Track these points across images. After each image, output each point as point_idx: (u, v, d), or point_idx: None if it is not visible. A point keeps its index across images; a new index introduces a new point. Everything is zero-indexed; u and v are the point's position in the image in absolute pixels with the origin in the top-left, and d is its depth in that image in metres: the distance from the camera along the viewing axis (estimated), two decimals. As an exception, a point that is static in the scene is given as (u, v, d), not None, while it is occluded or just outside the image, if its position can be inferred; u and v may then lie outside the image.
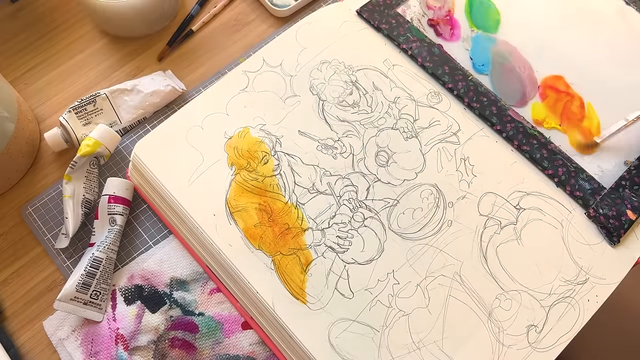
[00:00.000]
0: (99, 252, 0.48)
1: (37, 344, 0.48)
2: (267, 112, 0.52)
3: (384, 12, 0.58)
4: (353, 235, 0.47)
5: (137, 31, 0.61)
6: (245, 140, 0.51)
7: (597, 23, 0.58)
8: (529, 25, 0.58)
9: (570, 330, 0.45)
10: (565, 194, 0.50)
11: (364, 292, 0.45)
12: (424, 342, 0.44)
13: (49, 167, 0.55)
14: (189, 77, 0.60)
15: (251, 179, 0.49)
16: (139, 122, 0.57)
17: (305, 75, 0.54)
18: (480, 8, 0.59)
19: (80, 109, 0.54)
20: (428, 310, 0.45)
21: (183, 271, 0.49)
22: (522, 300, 0.45)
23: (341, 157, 0.50)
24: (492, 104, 0.53)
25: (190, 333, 0.47)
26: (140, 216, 0.52)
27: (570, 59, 0.56)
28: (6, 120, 0.50)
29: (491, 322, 0.44)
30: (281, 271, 0.45)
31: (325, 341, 0.43)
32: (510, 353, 0.43)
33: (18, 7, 0.63)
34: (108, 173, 0.54)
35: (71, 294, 0.46)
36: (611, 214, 0.49)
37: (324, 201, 0.48)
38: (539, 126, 0.53)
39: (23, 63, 0.60)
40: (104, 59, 0.61)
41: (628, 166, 0.51)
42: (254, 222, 0.47)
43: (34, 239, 0.52)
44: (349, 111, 0.53)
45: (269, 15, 0.64)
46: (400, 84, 0.54)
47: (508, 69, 0.56)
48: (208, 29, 0.63)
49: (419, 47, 0.56)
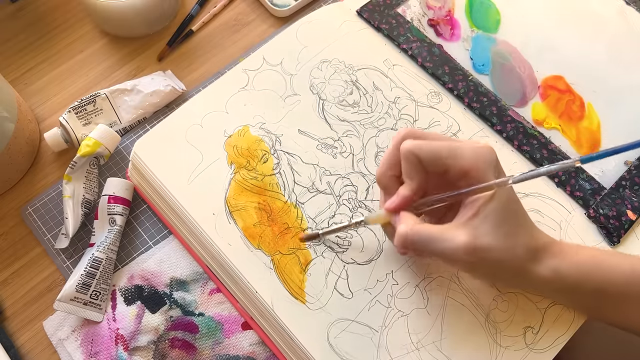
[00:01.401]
0: (98, 253, 0.48)
1: (37, 344, 0.48)
2: (267, 111, 0.52)
3: (384, 12, 0.58)
4: (352, 236, 0.47)
5: (137, 31, 0.61)
6: (244, 138, 0.51)
7: (597, 23, 0.58)
8: (529, 26, 0.58)
9: (566, 332, 0.45)
10: (566, 194, 0.50)
11: (363, 292, 0.45)
12: (422, 343, 0.44)
13: (49, 167, 0.56)
14: (189, 77, 0.60)
15: (251, 177, 0.49)
16: (139, 122, 0.57)
17: (306, 74, 0.54)
18: (481, 8, 0.59)
19: (80, 109, 0.54)
20: (427, 311, 0.45)
21: (183, 271, 0.49)
22: (518, 302, 0.45)
23: (341, 156, 0.50)
24: (492, 104, 0.53)
25: (190, 333, 0.47)
26: (140, 216, 0.52)
27: (570, 59, 0.56)
28: (6, 120, 0.50)
29: (489, 324, 0.44)
30: (280, 270, 0.45)
31: (324, 341, 0.43)
32: (507, 354, 0.43)
33: (18, 7, 0.63)
34: (108, 173, 0.54)
35: (71, 294, 0.47)
36: (611, 214, 0.49)
37: (323, 200, 0.48)
38: (539, 126, 0.53)
39: (23, 63, 0.60)
40: (104, 59, 0.61)
41: (628, 166, 0.51)
42: (253, 221, 0.47)
43: (34, 239, 0.52)
44: (349, 111, 0.53)
45: (269, 15, 0.63)
46: (400, 84, 0.54)
47: (508, 69, 0.56)
48: (208, 29, 0.63)
49: (419, 47, 0.56)
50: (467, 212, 0.38)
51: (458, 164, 0.38)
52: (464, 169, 0.38)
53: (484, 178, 0.38)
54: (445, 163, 0.39)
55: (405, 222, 0.39)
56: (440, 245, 0.38)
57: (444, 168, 0.39)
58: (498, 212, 0.38)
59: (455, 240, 0.37)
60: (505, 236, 0.38)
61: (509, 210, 0.39)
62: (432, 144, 0.39)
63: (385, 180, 0.42)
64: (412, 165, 0.39)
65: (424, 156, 0.39)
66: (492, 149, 0.39)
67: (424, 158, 0.39)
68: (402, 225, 0.39)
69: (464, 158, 0.38)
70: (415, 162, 0.39)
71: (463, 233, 0.37)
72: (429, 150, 0.39)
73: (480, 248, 0.37)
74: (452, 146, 0.39)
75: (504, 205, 0.38)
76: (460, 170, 0.38)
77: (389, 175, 0.42)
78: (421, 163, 0.39)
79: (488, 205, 0.38)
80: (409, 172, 0.40)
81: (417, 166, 0.39)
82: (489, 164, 0.38)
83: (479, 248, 0.37)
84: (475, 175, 0.38)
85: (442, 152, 0.39)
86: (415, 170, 0.39)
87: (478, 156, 0.38)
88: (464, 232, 0.37)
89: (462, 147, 0.39)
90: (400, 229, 0.39)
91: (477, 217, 0.38)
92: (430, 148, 0.39)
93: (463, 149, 0.39)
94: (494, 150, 0.39)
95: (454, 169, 0.39)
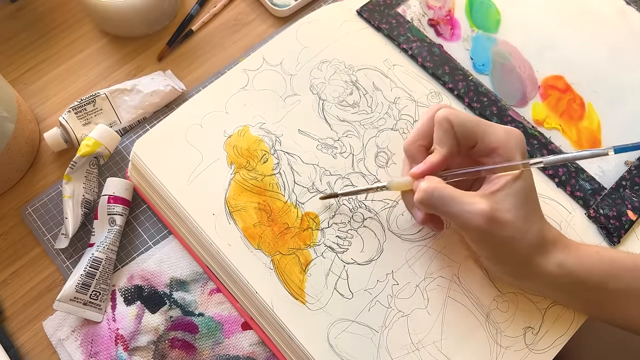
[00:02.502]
0: (98, 253, 0.48)
1: (37, 345, 0.48)
2: (266, 111, 0.52)
3: (384, 12, 0.58)
4: (352, 236, 0.47)
5: (137, 31, 0.61)
6: (244, 138, 0.51)
7: (597, 23, 0.58)
8: (530, 25, 0.58)
9: (566, 333, 0.45)
10: (566, 194, 0.50)
11: (363, 292, 0.45)
12: (422, 343, 0.44)
13: (48, 167, 0.56)
14: (188, 77, 0.60)
15: (250, 177, 0.49)
16: (139, 122, 0.57)
17: (306, 74, 0.54)
18: (481, 8, 0.59)
19: (80, 109, 0.54)
20: (427, 312, 0.45)
21: (183, 271, 0.49)
22: (518, 302, 0.45)
23: (341, 156, 0.50)
24: (493, 104, 0.53)
25: (190, 333, 0.47)
26: (140, 216, 0.52)
27: (570, 59, 0.56)
28: (6, 120, 0.50)
29: (489, 324, 0.44)
30: (280, 271, 0.45)
31: (324, 341, 0.43)
32: (507, 354, 0.43)
33: (18, 7, 0.63)
34: (108, 173, 0.54)
35: (71, 294, 0.47)
36: (612, 215, 0.49)
37: (323, 201, 0.48)
38: (540, 126, 0.53)
39: (23, 63, 0.60)
40: (103, 59, 0.61)
41: (628, 166, 0.51)
42: (253, 221, 0.47)
43: (34, 239, 0.52)
44: (349, 111, 0.52)
45: (269, 15, 0.63)
46: (400, 84, 0.54)
47: (508, 69, 0.56)
48: (208, 29, 0.63)
49: (419, 47, 0.56)
50: (492, 187, 0.39)
51: (489, 139, 0.40)
52: (493, 145, 0.40)
53: (512, 157, 0.39)
54: (477, 135, 0.40)
55: (429, 180, 0.40)
56: (459, 207, 0.39)
57: (474, 141, 0.40)
58: (521, 193, 0.39)
59: (476, 206, 0.38)
60: (524, 218, 0.39)
61: (530, 194, 0.40)
62: (467, 115, 0.41)
63: (413, 150, 0.43)
64: (445, 132, 0.40)
65: (458, 124, 0.40)
66: (522, 135, 0.41)
67: (458, 126, 0.40)
68: (424, 182, 0.40)
69: (496, 134, 0.40)
70: (448, 129, 0.40)
71: (484, 202, 0.38)
72: (464, 119, 0.40)
73: (498, 220, 0.38)
74: (486, 122, 0.41)
75: (528, 188, 0.39)
76: (489, 145, 0.40)
77: (418, 145, 0.43)
78: (454, 131, 0.40)
79: (514, 184, 0.39)
80: (441, 139, 0.41)
81: (450, 133, 0.40)
82: (518, 145, 0.40)
83: (497, 220, 0.38)
84: (504, 154, 0.39)
85: (476, 124, 0.40)
86: (448, 137, 0.41)
87: (510, 136, 0.40)
88: (485, 201, 0.38)
89: (495, 125, 0.41)
90: (423, 185, 0.40)
91: (502, 192, 0.39)
92: (466, 117, 0.41)
93: (495, 127, 0.40)
94: (523, 135, 0.41)
95: (484, 143, 0.40)
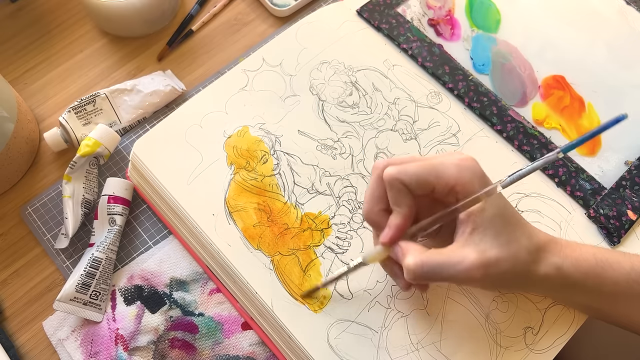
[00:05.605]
0: (98, 253, 0.48)
1: (37, 345, 0.48)
2: (266, 111, 0.52)
3: (384, 12, 0.58)
4: (352, 237, 0.47)
5: (137, 31, 0.61)
6: (244, 139, 0.51)
7: (597, 23, 0.58)
8: (530, 25, 0.58)
9: (566, 333, 0.45)
10: (566, 194, 0.50)
11: (362, 293, 0.45)
12: (422, 344, 0.44)
13: (48, 167, 0.56)
14: (188, 77, 0.60)
15: (250, 178, 0.49)
16: (139, 122, 0.57)
17: (305, 75, 0.54)
18: (481, 8, 0.59)
19: (80, 108, 0.54)
20: (426, 312, 0.45)
21: (183, 271, 0.49)
22: (518, 302, 0.45)
23: (341, 157, 0.50)
24: (493, 103, 0.53)
25: (190, 333, 0.47)
26: (140, 216, 0.52)
27: (570, 59, 0.56)
28: (6, 120, 0.50)
29: (489, 324, 0.44)
30: (280, 271, 0.45)
31: (324, 342, 0.43)
32: (507, 354, 0.43)
33: (18, 7, 0.63)
34: (108, 173, 0.54)
35: (71, 294, 0.47)
36: (612, 215, 0.49)
37: (323, 201, 0.48)
38: (540, 126, 0.53)
39: (23, 63, 0.60)
40: (103, 58, 0.61)
41: (628, 166, 0.51)
42: (253, 222, 0.47)
43: (34, 239, 0.52)
44: (349, 112, 0.52)
45: (269, 15, 0.63)
46: (400, 84, 0.54)
47: (508, 69, 0.56)
48: (208, 29, 0.63)
49: (419, 47, 0.56)
50: (465, 228, 0.38)
51: (443, 181, 0.38)
52: (449, 185, 0.38)
53: (470, 190, 0.37)
54: (430, 183, 0.38)
55: (412, 254, 0.38)
56: (451, 270, 0.37)
57: (430, 188, 0.39)
58: (496, 220, 0.37)
59: (465, 262, 0.36)
60: (508, 244, 0.37)
61: (504, 216, 0.38)
62: (415, 166, 0.39)
63: (374, 217, 0.41)
64: (398, 191, 0.39)
65: (409, 180, 0.38)
66: (475, 160, 0.39)
67: (409, 182, 0.38)
68: (409, 258, 0.38)
69: (448, 174, 0.38)
70: (401, 188, 0.39)
71: (470, 252, 0.37)
72: (413, 172, 0.38)
73: (489, 262, 0.37)
74: (435, 164, 0.38)
75: (497, 213, 0.38)
76: (446, 186, 0.38)
77: (377, 211, 0.41)
78: (407, 188, 0.38)
79: (484, 215, 0.37)
80: (396, 200, 0.39)
81: (404, 192, 0.39)
82: (473, 175, 0.38)
83: (488, 262, 0.37)
84: (462, 190, 0.38)
85: (426, 172, 0.38)
86: (403, 196, 0.39)
87: (461, 170, 0.38)
88: (470, 251, 0.37)
89: (445, 162, 0.38)
90: (408, 263, 0.38)
91: (476, 231, 0.37)
92: (414, 170, 0.38)
93: (446, 164, 0.38)
94: (476, 161, 0.39)
95: (440, 186, 0.38)
